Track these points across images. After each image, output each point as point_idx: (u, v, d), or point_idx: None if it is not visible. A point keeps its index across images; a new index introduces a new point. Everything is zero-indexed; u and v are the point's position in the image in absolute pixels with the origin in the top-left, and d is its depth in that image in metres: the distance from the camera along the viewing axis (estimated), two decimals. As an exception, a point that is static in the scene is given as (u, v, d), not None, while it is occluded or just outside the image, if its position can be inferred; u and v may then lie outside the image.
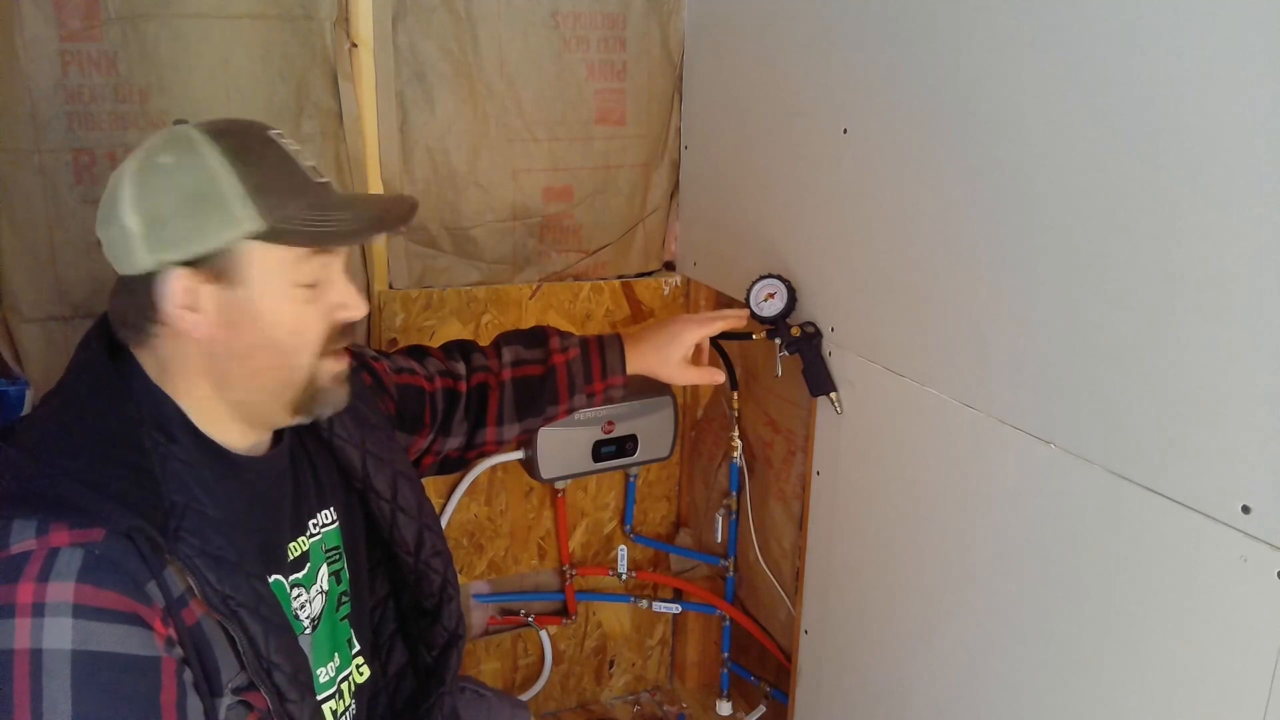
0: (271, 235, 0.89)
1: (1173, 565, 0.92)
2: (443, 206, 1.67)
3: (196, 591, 0.86)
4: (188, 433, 0.92)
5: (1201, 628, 0.90)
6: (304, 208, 0.90)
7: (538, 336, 1.35)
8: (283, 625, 0.92)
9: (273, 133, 0.93)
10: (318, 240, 0.91)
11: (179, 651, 0.85)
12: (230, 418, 0.95)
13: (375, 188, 1.59)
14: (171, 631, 0.84)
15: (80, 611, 0.79)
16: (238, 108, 1.46)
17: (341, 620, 1.09)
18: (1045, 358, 1.04)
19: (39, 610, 0.78)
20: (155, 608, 0.83)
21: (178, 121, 0.93)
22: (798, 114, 1.44)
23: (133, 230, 0.88)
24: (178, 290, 0.88)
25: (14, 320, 1.41)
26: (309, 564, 1.03)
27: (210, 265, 0.88)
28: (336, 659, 1.07)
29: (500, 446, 1.33)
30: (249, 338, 0.91)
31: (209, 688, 0.86)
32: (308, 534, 1.04)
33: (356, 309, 0.96)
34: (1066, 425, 1.02)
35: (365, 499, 1.12)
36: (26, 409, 1.40)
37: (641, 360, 1.35)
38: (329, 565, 1.07)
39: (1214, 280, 0.86)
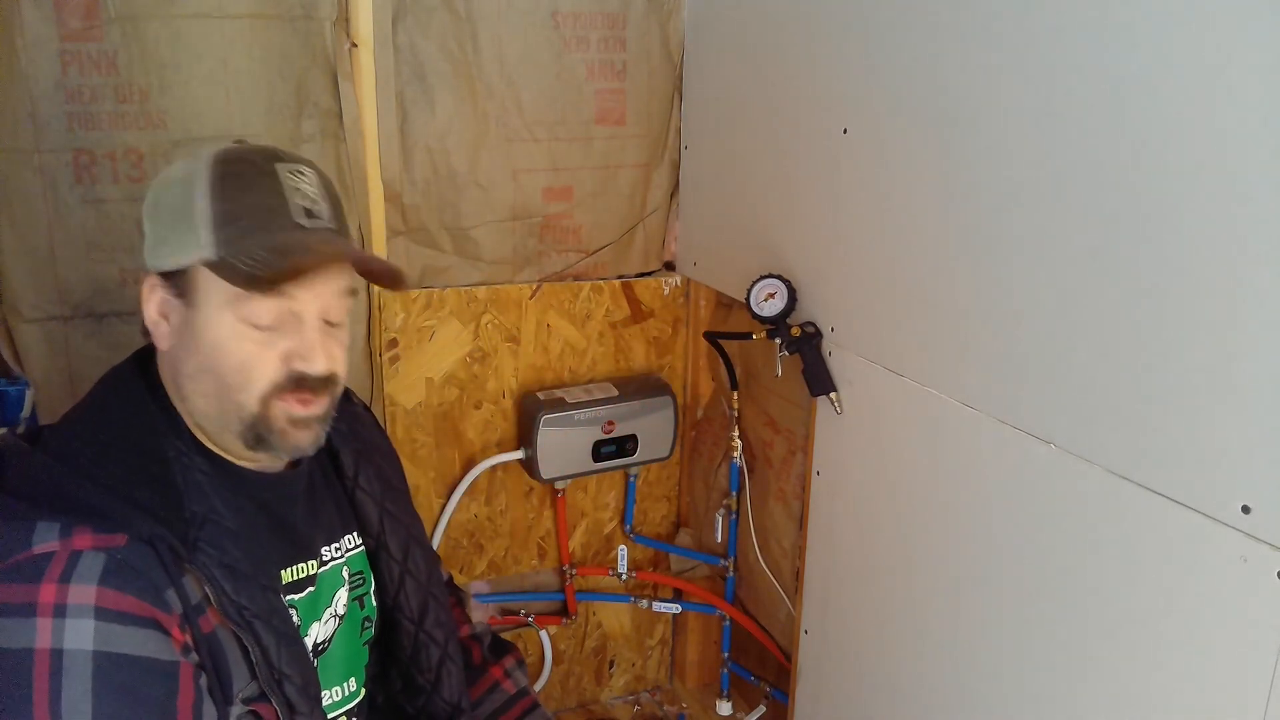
0: (218, 266, 0.87)
1: (1173, 565, 0.92)
2: (443, 206, 1.67)
3: (213, 601, 0.87)
4: (194, 443, 0.93)
5: (1201, 628, 0.90)
6: (261, 247, 0.87)
7: None
8: (294, 637, 0.93)
9: (283, 165, 0.92)
10: (249, 282, 0.87)
11: (195, 657, 0.85)
12: (211, 434, 0.94)
13: (375, 187, 1.59)
14: (188, 638, 0.85)
15: (102, 614, 0.80)
16: (237, 108, 1.46)
17: (364, 645, 1.09)
18: (1046, 358, 1.04)
19: (60, 611, 0.79)
20: (174, 614, 0.84)
21: (237, 140, 0.96)
22: (798, 114, 1.44)
23: (145, 232, 0.92)
24: (154, 298, 0.91)
25: (14, 320, 1.41)
26: (312, 589, 1.01)
27: (176, 281, 0.90)
28: (352, 683, 1.07)
29: None
30: (197, 360, 0.90)
31: (222, 696, 0.87)
32: (319, 559, 1.03)
33: (312, 363, 0.90)
34: (1066, 425, 1.02)
35: (376, 558, 1.10)
36: (26, 409, 1.40)
37: None
38: (350, 590, 1.07)
39: (1214, 280, 0.86)
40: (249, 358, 0.89)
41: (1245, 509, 0.85)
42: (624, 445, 1.79)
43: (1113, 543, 0.98)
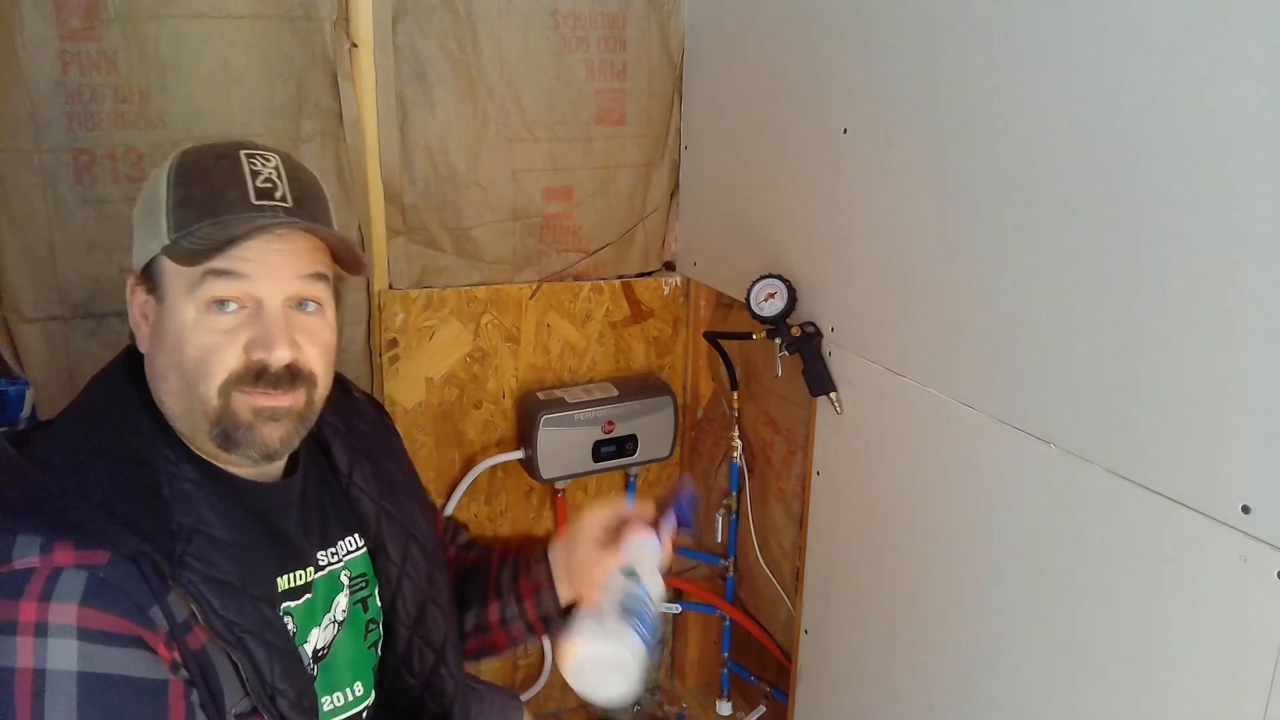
0: (170, 250, 0.86)
1: (1173, 565, 0.92)
2: (443, 206, 1.67)
3: (200, 618, 0.85)
4: (185, 450, 0.91)
5: (1201, 628, 0.90)
6: (207, 225, 0.86)
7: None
8: (288, 650, 0.91)
9: (246, 151, 0.90)
10: (190, 257, 0.84)
11: (185, 674, 0.84)
12: (190, 438, 0.92)
13: (375, 187, 1.59)
14: (176, 655, 0.83)
15: (85, 634, 0.78)
16: (238, 107, 1.46)
17: (370, 648, 1.08)
18: (1045, 358, 1.04)
19: (42, 630, 0.77)
20: (159, 632, 0.82)
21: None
22: (798, 114, 1.44)
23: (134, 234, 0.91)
24: (136, 300, 0.90)
25: (14, 320, 1.41)
26: (309, 596, 1.00)
27: (147, 277, 0.89)
28: (359, 687, 1.06)
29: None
30: (166, 356, 0.88)
31: (215, 711, 0.86)
32: (315, 565, 1.01)
33: (269, 349, 0.87)
34: (1066, 425, 1.02)
35: (374, 559, 1.08)
36: (26, 409, 1.40)
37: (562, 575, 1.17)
38: (351, 594, 1.05)
39: (1213, 280, 0.86)
40: (210, 348, 0.87)
41: (1245, 509, 0.85)
42: (624, 445, 1.79)
43: (1113, 543, 0.98)
